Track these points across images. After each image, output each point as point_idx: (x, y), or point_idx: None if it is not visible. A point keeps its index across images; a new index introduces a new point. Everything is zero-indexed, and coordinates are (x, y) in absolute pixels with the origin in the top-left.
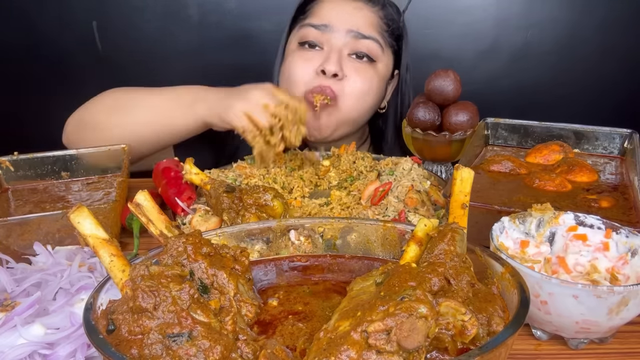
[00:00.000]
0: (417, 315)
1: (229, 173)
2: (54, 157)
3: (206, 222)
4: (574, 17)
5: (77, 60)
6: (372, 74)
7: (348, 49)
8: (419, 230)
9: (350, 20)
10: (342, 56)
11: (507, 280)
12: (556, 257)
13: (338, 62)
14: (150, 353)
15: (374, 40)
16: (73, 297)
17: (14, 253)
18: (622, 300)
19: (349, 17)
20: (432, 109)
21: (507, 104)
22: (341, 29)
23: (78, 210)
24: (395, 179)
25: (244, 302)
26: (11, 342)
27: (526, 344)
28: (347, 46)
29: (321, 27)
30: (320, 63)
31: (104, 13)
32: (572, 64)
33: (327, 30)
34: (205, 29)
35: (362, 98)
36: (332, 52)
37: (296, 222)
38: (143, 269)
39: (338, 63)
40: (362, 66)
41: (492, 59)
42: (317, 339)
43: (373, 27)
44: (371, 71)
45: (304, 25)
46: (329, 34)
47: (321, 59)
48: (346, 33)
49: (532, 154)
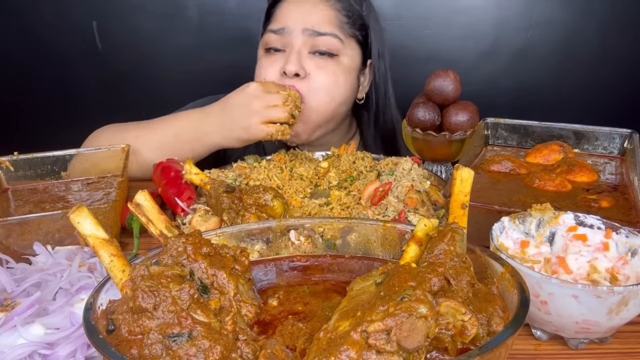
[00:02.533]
0: (417, 315)
1: (229, 173)
2: (54, 157)
3: (206, 222)
4: (574, 17)
5: (77, 60)
6: (334, 68)
7: (307, 47)
8: (419, 230)
9: (305, 19)
10: (302, 55)
11: (507, 280)
12: (556, 257)
13: (298, 62)
14: (150, 353)
15: (331, 36)
16: (73, 297)
17: (14, 253)
18: (622, 300)
19: (304, 17)
20: (432, 109)
21: (507, 104)
22: (297, 30)
23: (78, 210)
24: (395, 179)
25: (244, 302)
26: (11, 342)
27: (526, 344)
28: (305, 45)
29: (279, 31)
30: (281, 65)
31: (104, 13)
32: (572, 64)
33: (284, 32)
34: (205, 29)
35: (329, 93)
36: (292, 53)
37: (296, 222)
38: (143, 269)
39: (298, 63)
40: (324, 62)
41: (492, 59)
42: (317, 339)
43: (330, 22)
44: (334, 66)
45: (266, 32)
46: (287, 36)
47: (283, 61)
48: (302, 32)
49: (532, 154)
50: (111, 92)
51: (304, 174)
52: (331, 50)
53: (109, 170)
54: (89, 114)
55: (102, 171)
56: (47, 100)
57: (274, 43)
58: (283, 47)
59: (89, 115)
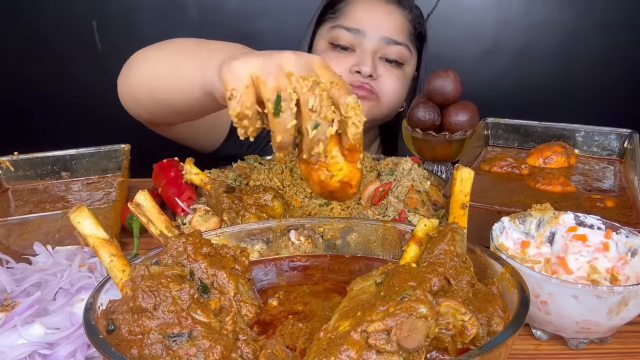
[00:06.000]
0: (417, 315)
1: (229, 173)
2: (54, 157)
3: (206, 222)
4: (574, 18)
5: (77, 60)
6: (401, 76)
7: (380, 53)
8: (419, 230)
9: (382, 25)
10: (375, 59)
11: (507, 280)
12: (556, 257)
13: (372, 65)
14: (150, 353)
15: (404, 46)
16: (73, 297)
17: (14, 253)
18: (622, 301)
19: (382, 22)
20: (432, 109)
21: (508, 104)
22: (374, 35)
23: (78, 210)
24: (395, 179)
25: (244, 302)
26: (11, 342)
27: (526, 344)
28: (379, 50)
29: (354, 31)
30: (352, 64)
31: (104, 13)
32: (572, 64)
33: (359, 34)
34: (205, 29)
35: (395, 98)
36: (367, 55)
37: (296, 222)
38: (143, 269)
39: (372, 65)
40: (392, 68)
41: (493, 59)
42: (317, 339)
43: (403, 32)
44: (400, 73)
45: (336, 27)
46: (361, 38)
47: (354, 60)
48: (379, 39)
49: (534, 155)
50: (111, 91)
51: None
52: (401, 60)
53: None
54: (89, 113)
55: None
56: (46, 100)
57: (346, 41)
58: (353, 46)
59: (89, 115)
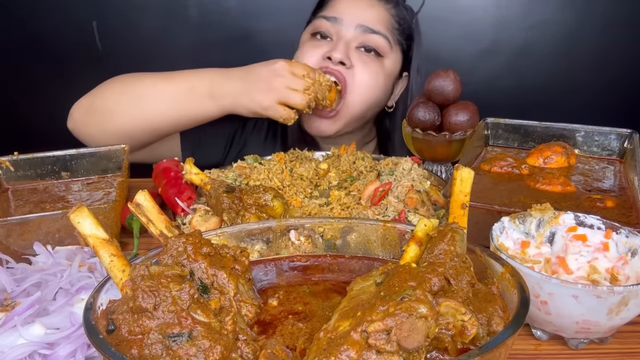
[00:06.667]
0: (417, 315)
1: (229, 173)
2: (54, 157)
3: (206, 222)
4: (573, 17)
5: (77, 60)
6: (378, 68)
7: (356, 42)
8: (419, 230)
9: (361, 15)
10: (350, 47)
11: (507, 280)
12: (556, 257)
13: (345, 52)
14: (150, 353)
15: (382, 36)
16: (73, 297)
17: (14, 253)
18: (622, 300)
19: (361, 12)
20: (432, 109)
21: (507, 104)
22: (351, 23)
23: (78, 210)
24: (395, 179)
25: (244, 302)
26: (11, 342)
27: (526, 344)
28: (355, 39)
29: (332, 19)
30: (327, 50)
31: (104, 13)
32: (572, 64)
33: (337, 22)
34: (205, 29)
35: (369, 91)
36: (340, 42)
37: (296, 222)
38: (143, 269)
39: (345, 52)
40: (369, 59)
41: (492, 59)
42: (317, 339)
43: (383, 24)
44: (378, 65)
45: (318, 17)
46: (338, 26)
47: (329, 47)
48: (356, 27)
49: (534, 155)
50: None
51: (304, 174)
52: (379, 50)
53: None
54: None
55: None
56: (47, 100)
57: (324, 29)
58: (331, 35)
59: None
